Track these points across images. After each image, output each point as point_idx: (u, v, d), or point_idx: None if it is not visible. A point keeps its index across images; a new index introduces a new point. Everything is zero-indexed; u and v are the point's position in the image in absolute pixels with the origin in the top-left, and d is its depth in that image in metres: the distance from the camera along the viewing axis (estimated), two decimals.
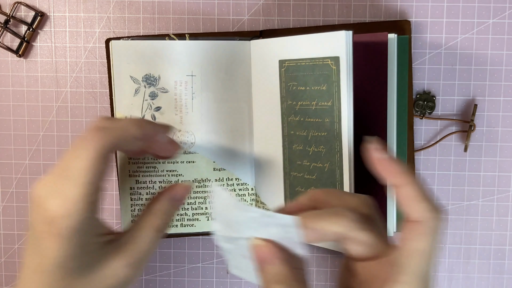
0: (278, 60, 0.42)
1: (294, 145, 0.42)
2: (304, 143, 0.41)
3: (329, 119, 0.39)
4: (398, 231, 0.44)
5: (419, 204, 0.30)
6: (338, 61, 0.38)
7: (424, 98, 0.47)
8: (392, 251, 0.31)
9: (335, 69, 0.39)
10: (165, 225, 0.35)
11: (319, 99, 0.40)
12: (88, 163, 0.31)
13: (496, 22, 0.47)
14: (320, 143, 0.40)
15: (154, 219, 0.35)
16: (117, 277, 0.33)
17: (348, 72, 0.38)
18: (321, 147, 0.40)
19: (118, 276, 0.33)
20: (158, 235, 0.35)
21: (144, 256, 0.34)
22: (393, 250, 0.31)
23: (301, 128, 0.41)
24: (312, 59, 0.40)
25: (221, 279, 0.50)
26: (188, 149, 0.45)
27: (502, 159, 0.48)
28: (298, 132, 0.41)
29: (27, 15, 0.48)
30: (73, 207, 0.31)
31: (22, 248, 0.51)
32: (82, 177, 0.31)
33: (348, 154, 0.39)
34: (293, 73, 0.41)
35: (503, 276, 0.49)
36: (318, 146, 0.40)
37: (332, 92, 0.39)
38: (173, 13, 0.48)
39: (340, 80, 0.38)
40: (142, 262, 0.34)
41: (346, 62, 0.38)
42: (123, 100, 0.44)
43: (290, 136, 0.42)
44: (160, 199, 0.36)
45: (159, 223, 0.35)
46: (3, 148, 0.49)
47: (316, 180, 0.41)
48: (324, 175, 0.41)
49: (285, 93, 0.42)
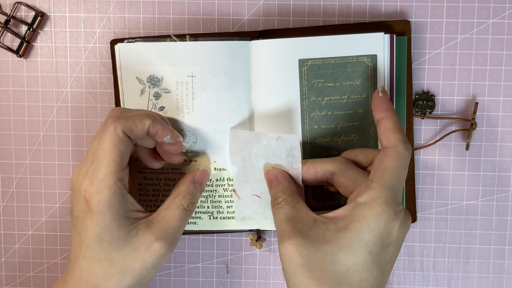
0: (298, 59, 0.44)
1: (319, 138, 0.45)
2: (332, 135, 0.45)
3: (363, 109, 0.45)
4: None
5: (394, 134, 0.38)
6: (376, 58, 0.44)
7: (423, 98, 0.47)
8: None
9: (371, 65, 0.44)
10: (190, 205, 0.40)
11: (351, 93, 0.44)
12: (108, 145, 0.37)
13: (496, 22, 0.47)
14: (351, 132, 0.45)
15: (180, 199, 0.40)
16: (150, 250, 0.37)
17: (386, 67, 0.44)
18: (353, 135, 0.45)
19: (151, 249, 0.37)
20: (185, 214, 0.40)
21: (173, 231, 0.39)
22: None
23: (329, 121, 0.45)
24: (343, 57, 0.44)
25: (221, 279, 0.50)
26: (190, 148, 0.46)
27: (502, 159, 0.48)
28: (324, 126, 0.45)
29: (27, 15, 0.48)
30: (102, 184, 0.36)
31: (22, 248, 0.51)
32: (106, 157, 0.37)
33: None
34: (319, 70, 0.44)
35: (503, 276, 0.49)
36: (349, 135, 0.45)
37: (367, 86, 0.44)
38: (173, 13, 0.48)
39: (377, 75, 0.44)
40: (172, 238, 0.39)
41: (383, 58, 0.44)
42: (131, 100, 0.45)
43: (312, 131, 0.45)
44: (184, 182, 0.42)
45: (185, 203, 0.40)
46: (3, 148, 0.50)
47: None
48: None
49: (307, 90, 0.44)
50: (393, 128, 0.38)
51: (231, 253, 0.50)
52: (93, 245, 0.37)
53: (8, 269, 0.51)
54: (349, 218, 0.36)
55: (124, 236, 0.37)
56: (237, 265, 0.50)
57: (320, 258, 0.35)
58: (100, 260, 0.37)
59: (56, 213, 0.50)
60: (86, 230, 0.37)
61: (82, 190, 0.37)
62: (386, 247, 0.36)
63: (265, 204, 0.45)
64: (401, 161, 0.37)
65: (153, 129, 0.39)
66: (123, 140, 0.37)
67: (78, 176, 0.38)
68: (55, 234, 0.50)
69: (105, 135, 0.37)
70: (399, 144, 0.37)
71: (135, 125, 0.38)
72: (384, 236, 0.36)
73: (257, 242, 0.48)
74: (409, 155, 0.37)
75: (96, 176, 0.36)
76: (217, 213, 0.46)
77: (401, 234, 0.37)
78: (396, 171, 0.37)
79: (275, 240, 0.50)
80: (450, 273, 0.49)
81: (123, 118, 0.37)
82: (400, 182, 0.37)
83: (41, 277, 0.51)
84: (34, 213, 0.50)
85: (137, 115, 0.38)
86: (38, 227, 0.50)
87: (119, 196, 0.37)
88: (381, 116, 0.39)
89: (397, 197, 0.36)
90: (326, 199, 0.45)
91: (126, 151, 0.38)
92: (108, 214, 0.37)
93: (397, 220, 0.36)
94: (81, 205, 0.37)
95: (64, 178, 0.50)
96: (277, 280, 0.50)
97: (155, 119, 0.39)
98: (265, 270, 0.50)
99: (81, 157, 0.49)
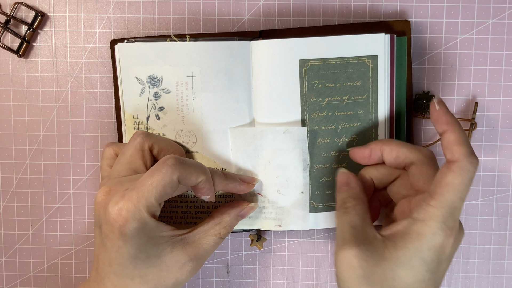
0: (299, 59, 0.44)
1: (319, 139, 0.45)
2: (332, 135, 0.45)
3: (363, 110, 0.44)
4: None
5: (458, 148, 0.35)
6: (377, 59, 0.44)
7: (423, 98, 0.47)
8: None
9: (372, 66, 0.44)
10: (226, 234, 0.42)
11: (352, 94, 0.44)
12: (158, 183, 0.36)
13: (495, 22, 0.47)
14: (352, 133, 0.45)
15: (220, 228, 0.41)
16: (183, 269, 0.38)
17: (386, 68, 0.44)
18: (354, 136, 0.45)
19: (184, 269, 0.39)
20: (220, 242, 0.41)
21: (205, 255, 0.40)
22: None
23: (329, 122, 0.45)
24: (344, 58, 0.44)
25: (221, 279, 0.50)
26: (190, 148, 0.46)
27: (502, 159, 0.48)
28: (324, 127, 0.45)
29: (27, 15, 0.48)
30: (138, 214, 0.36)
31: (23, 248, 0.51)
32: (151, 193, 0.36)
33: (384, 136, 0.45)
34: (320, 71, 0.44)
35: (503, 276, 0.49)
36: (349, 136, 0.45)
37: (368, 87, 0.44)
38: (173, 13, 0.48)
39: (378, 76, 0.44)
40: (202, 260, 0.40)
41: (384, 59, 0.44)
42: (131, 100, 0.45)
43: (313, 132, 0.45)
44: (229, 213, 0.42)
45: (223, 233, 0.41)
46: (3, 148, 0.50)
47: (347, 167, 0.44)
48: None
49: (307, 91, 0.44)
50: (457, 142, 0.36)
51: (231, 253, 0.50)
52: (126, 264, 0.37)
53: (8, 269, 0.51)
54: (406, 236, 0.36)
55: (159, 253, 0.38)
56: (237, 265, 0.50)
57: (380, 273, 0.35)
58: (134, 277, 0.37)
59: (56, 213, 0.50)
60: (118, 250, 0.37)
61: (115, 212, 0.36)
62: (442, 263, 0.36)
63: (266, 202, 0.45)
64: (465, 177, 0.35)
65: (202, 185, 0.39)
66: (174, 185, 0.37)
67: (110, 196, 0.37)
68: (55, 234, 0.50)
69: (160, 172, 0.36)
70: (463, 158, 0.35)
71: (190, 177, 0.38)
72: (440, 253, 0.36)
73: (257, 242, 0.48)
74: (475, 170, 0.35)
75: (134, 205, 0.36)
76: None
77: (454, 250, 0.37)
78: (458, 188, 0.35)
79: (275, 240, 0.50)
80: (450, 273, 0.49)
81: (183, 166, 0.37)
82: (461, 200, 0.35)
83: (41, 277, 0.51)
84: (34, 213, 0.50)
85: (195, 167, 0.38)
86: (38, 227, 0.50)
87: (154, 223, 0.37)
88: (443, 129, 0.37)
89: (455, 214, 0.35)
90: (325, 201, 0.46)
91: (171, 194, 0.38)
92: (144, 236, 0.37)
93: (451, 237, 0.36)
94: (112, 227, 0.36)
95: (64, 178, 0.50)
96: (277, 280, 0.50)
97: (209, 178, 0.39)
98: (265, 270, 0.50)
99: (81, 157, 0.49)
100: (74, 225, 0.50)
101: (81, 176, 0.50)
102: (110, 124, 0.49)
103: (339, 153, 0.45)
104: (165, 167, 0.36)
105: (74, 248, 0.51)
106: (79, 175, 0.50)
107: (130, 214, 0.36)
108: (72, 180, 0.50)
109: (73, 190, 0.50)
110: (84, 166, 0.49)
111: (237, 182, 0.43)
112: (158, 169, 0.36)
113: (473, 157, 0.35)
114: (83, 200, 0.50)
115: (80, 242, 0.50)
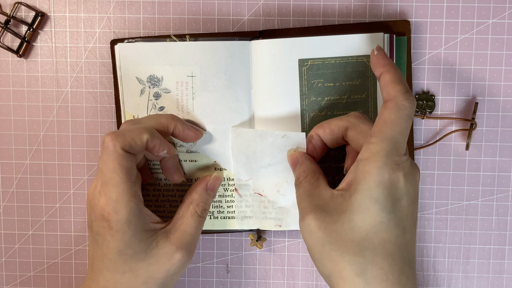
0: (298, 59, 0.44)
1: None
2: None
3: (363, 109, 0.45)
4: None
5: (394, 86, 0.36)
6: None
7: (423, 98, 0.47)
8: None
9: (370, 65, 0.42)
10: (204, 211, 0.42)
11: (351, 93, 0.44)
12: (113, 165, 0.37)
13: (495, 22, 0.47)
14: None
15: (194, 207, 0.41)
16: (173, 260, 0.39)
17: None
18: None
19: (173, 259, 0.39)
20: (200, 220, 0.41)
21: (191, 239, 0.40)
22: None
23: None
24: (343, 57, 0.44)
25: (221, 279, 0.50)
26: (190, 148, 0.46)
27: (502, 159, 0.48)
28: None
29: (27, 15, 0.48)
30: (118, 204, 0.37)
31: (23, 248, 0.51)
32: (114, 178, 0.37)
33: None
34: (319, 70, 0.44)
35: (503, 276, 0.49)
36: None
37: (367, 86, 0.44)
38: (173, 13, 0.48)
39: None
40: (191, 245, 0.40)
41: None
42: (131, 100, 0.45)
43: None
44: (197, 190, 0.43)
45: (199, 210, 0.41)
46: (3, 148, 0.50)
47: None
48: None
49: (306, 90, 0.44)
50: (392, 81, 0.37)
51: (231, 253, 0.50)
52: (116, 259, 0.38)
53: (9, 269, 0.51)
54: (356, 179, 0.36)
55: (145, 249, 0.38)
56: (237, 265, 0.50)
57: (338, 228, 0.35)
58: (124, 272, 0.38)
59: (56, 213, 0.50)
60: (108, 245, 0.38)
61: (99, 208, 0.38)
62: (398, 201, 0.35)
63: (266, 202, 0.45)
64: (401, 112, 0.35)
65: (151, 143, 0.39)
66: (125, 156, 0.37)
67: (94, 193, 0.38)
68: (55, 234, 0.50)
69: (107, 155, 0.37)
70: (398, 95, 0.36)
71: (134, 141, 0.38)
72: (392, 189, 0.35)
73: (257, 242, 0.48)
74: (411, 106, 0.36)
75: (110, 197, 0.37)
76: (218, 213, 0.47)
77: (411, 186, 0.36)
78: (395, 122, 0.35)
79: (275, 240, 0.50)
80: (450, 273, 0.49)
81: (121, 135, 0.38)
82: (401, 134, 0.35)
83: (41, 277, 0.51)
84: (34, 213, 0.50)
85: (134, 130, 0.38)
86: (38, 227, 0.50)
87: (136, 212, 0.38)
88: (380, 71, 0.38)
89: (399, 148, 0.35)
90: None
91: (131, 166, 0.38)
92: (128, 230, 0.37)
93: (400, 171, 0.35)
94: (100, 222, 0.38)
95: (64, 178, 0.50)
96: (277, 280, 0.50)
97: (153, 133, 0.39)
98: (265, 270, 0.50)
99: (81, 157, 0.49)
100: (74, 225, 0.50)
101: (81, 176, 0.50)
102: (110, 124, 0.49)
103: (338, 152, 0.45)
104: (106, 146, 0.37)
105: (74, 248, 0.51)
106: (79, 175, 0.50)
107: (111, 207, 0.37)
108: (72, 180, 0.50)
109: (73, 190, 0.50)
110: (84, 166, 0.49)
111: (186, 126, 0.43)
112: (103, 151, 0.37)
113: (409, 94, 0.36)
114: (83, 200, 0.50)
115: (80, 242, 0.50)
